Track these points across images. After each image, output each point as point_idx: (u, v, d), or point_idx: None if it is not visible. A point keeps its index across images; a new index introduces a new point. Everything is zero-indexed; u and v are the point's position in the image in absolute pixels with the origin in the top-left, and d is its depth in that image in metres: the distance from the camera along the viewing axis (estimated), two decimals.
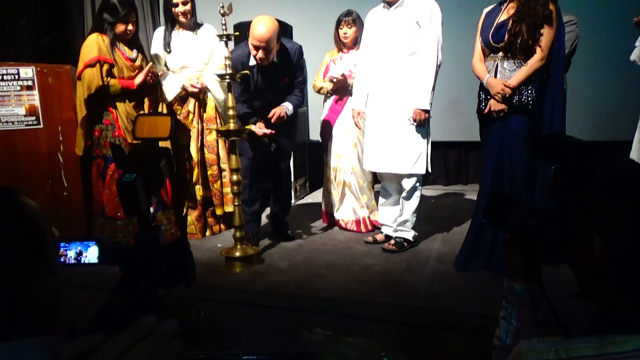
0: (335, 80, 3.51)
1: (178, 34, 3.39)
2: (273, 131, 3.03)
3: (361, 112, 3.20)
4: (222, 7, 2.72)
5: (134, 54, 3.12)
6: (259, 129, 3.02)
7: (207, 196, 3.53)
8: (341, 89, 3.58)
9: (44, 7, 4.21)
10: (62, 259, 0.96)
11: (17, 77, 2.91)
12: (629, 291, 0.74)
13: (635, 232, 0.72)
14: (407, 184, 3.10)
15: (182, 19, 3.32)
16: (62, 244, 0.96)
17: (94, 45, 2.93)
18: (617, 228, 0.75)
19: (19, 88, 2.93)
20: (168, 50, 3.37)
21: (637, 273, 0.73)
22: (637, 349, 0.68)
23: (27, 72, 2.93)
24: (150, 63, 3.21)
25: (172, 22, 3.38)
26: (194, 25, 3.42)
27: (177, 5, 3.28)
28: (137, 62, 3.13)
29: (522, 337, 0.97)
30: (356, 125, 3.28)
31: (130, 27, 3.04)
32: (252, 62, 3.07)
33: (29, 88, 2.94)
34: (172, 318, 0.61)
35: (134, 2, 3.16)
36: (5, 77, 2.89)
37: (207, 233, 3.60)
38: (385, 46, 3.03)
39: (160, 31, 3.45)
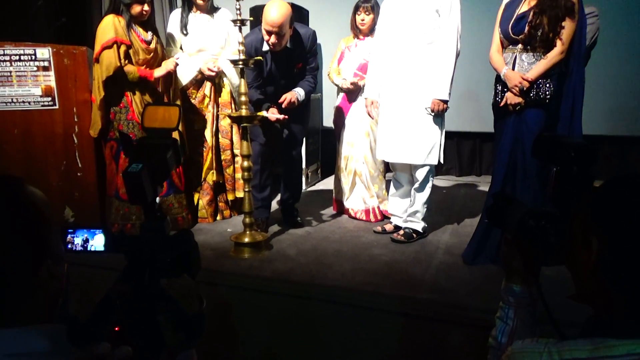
0: (346, 88, 3.55)
1: (195, 17, 3.38)
2: (286, 116, 3.03)
3: (374, 102, 3.18)
4: None
5: (149, 36, 3.12)
6: (272, 114, 3.02)
7: (219, 181, 3.55)
8: (355, 92, 3.57)
9: None
10: (69, 246, 0.98)
11: (33, 57, 2.94)
12: (624, 295, 0.74)
13: (633, 237, 0.72)
14: (420, 174, 3.08)
15: (199, 1, 3.31)
16: (69, 231, 0.98)
17: (110, 26, 2.93)
18: (615, 232, 0.75)
19: (35, 69, 2.95)
20: (185, 32, 3.36)
21: (632, 277, 0.73)
22: (629, 354, 0.69)
23: (44, 52, 2.95)
24: (176, 58, 3.17)
25: (189, 4, 3.38)
26: (211, 9, 3.42)
27: None
28: (152, 45, 3.13)
29: (518, 338, 0.98)
30: (369, 114, 3.26)
31: (146, 7, 3.03)
32: (266, 47, 3.05)
33: (45, 69, 2.97)
34: (126, 346, 0.61)
35: None
36: (22, 58, 2.91)
37: (218, 217, 3.63)
38: (403, 34, 2.98)
39: (177, 13, 3.44)
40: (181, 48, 3.42)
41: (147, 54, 3.09)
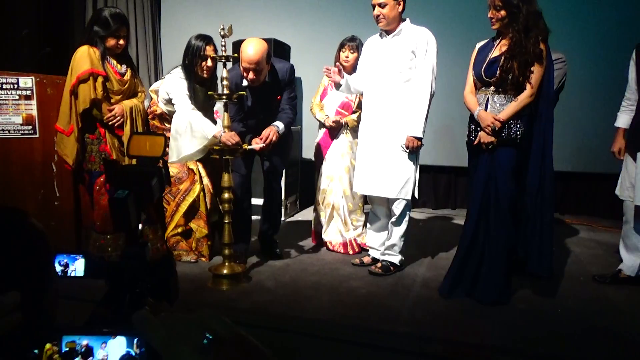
0: (329, 125, 3.64)
1: (197, 90, 3.20)
2: (269, 142, 3.07)
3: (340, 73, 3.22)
4: (223, 29, 2.78)
5: (123, 68, 3.10)
6: (256, 144, 3.06)
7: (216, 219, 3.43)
8: (336, 129, 3.66)
9: (46, 18, 4.26)
10: None
11: (16, 86, 2.94)
12: None
13: None
14: (397, 208, 3.15)
15: (205, 74, 3.18)
16: None
17: (85, 57, 2.90)
18: None
19: (17, 97, 2.95)
20: (193, 107, 3.11)
21: None
22: None
23: (27, 82, 2.96)
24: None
25: (193, 75, 3.15)
26: (211, 78, 3.29)
27: (206, 58, 3.13)
28: (126, 77, 3.11)
29: None
30: (327, 75, 3.29)
31: (121, 41, 3.01)
32: (245, 82, 3.12)
33: (28, 98, 2.97)
34: (15, 291, 0.64)
35: (126, 17, 3.12)
36: (4, 86, 2.91)
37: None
38: (381, 72, 3.11)
39: (179, 82, 3.16)
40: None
41: (122, 85, 3.07)
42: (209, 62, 3.15)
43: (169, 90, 3.18)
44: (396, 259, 3.24)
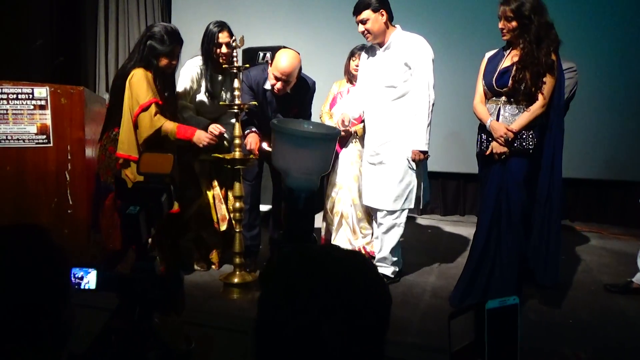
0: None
1: (214, 78, 3.19)
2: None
3: (349, 119, 3.20)
4: (234, 40, 2.81)
5: (165, 95, 2.95)
6: (267, 146, 3.07)
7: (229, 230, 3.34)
8: (346, 138, 3.66)
9: (59, 28, 4.31)
10: None
11: (31, 96, 2.98)
12: None
13: None
14: (384, 219, 3.14)
15: (222, 60, 3.10)
16: None
17: (145, 84, 2.73)
18: None
19: (32, 107, 2.99)
20: (209, 96, 3.17)
21: None
22: None
23: (41, 92, 2.99)
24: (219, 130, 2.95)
25: (211, 62, 3.12)
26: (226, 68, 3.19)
27: (221, 45, 3.07)
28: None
29: None
30: (342, 124, 3.20)
31: (174, 62, 2.89)
32: (268, 86, 3.15)
33: (42, 107, 3.01)
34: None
35: (180, 36, 2.94)
36: (19, 96, 2.96)
37: None
38: (377, 88, 3.09)
39: (194, 69, 3.15)
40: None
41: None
42: (224, 49, 3.08)
43: (178, 81, 3.20)
44: (388, 270, 3.19)
